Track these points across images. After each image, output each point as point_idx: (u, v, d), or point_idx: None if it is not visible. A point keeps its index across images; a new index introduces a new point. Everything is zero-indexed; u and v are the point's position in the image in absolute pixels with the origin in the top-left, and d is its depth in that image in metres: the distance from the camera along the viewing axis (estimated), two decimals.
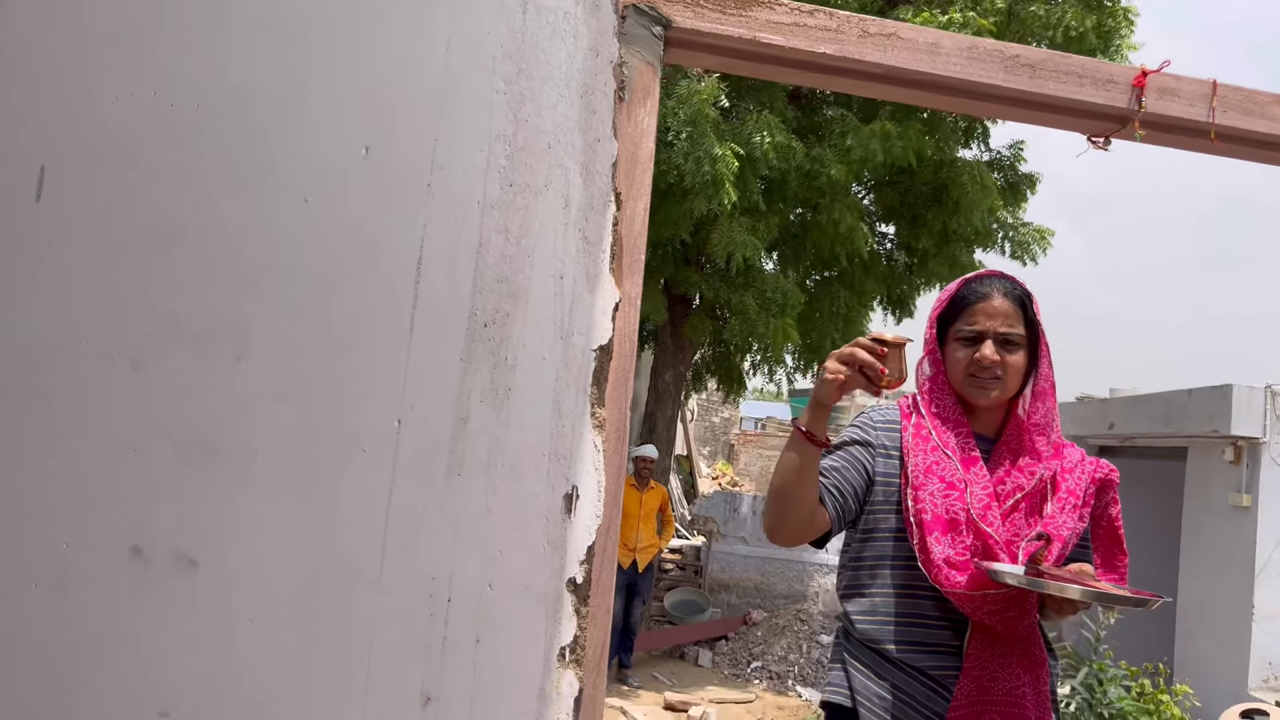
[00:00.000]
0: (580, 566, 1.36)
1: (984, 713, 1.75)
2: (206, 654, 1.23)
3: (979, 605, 1.77)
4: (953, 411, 1.94)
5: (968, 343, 1.89)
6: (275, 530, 1.25)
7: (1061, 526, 1.82)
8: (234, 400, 1.25)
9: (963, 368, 1.89)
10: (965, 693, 1.76)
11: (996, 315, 1.88)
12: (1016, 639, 1.80)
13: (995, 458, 1.90)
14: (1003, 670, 1.78)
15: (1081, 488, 1.88)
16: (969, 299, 1.92)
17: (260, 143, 1.28)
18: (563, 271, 1.36)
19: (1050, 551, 1.77)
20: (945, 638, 1.82)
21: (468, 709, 1.30)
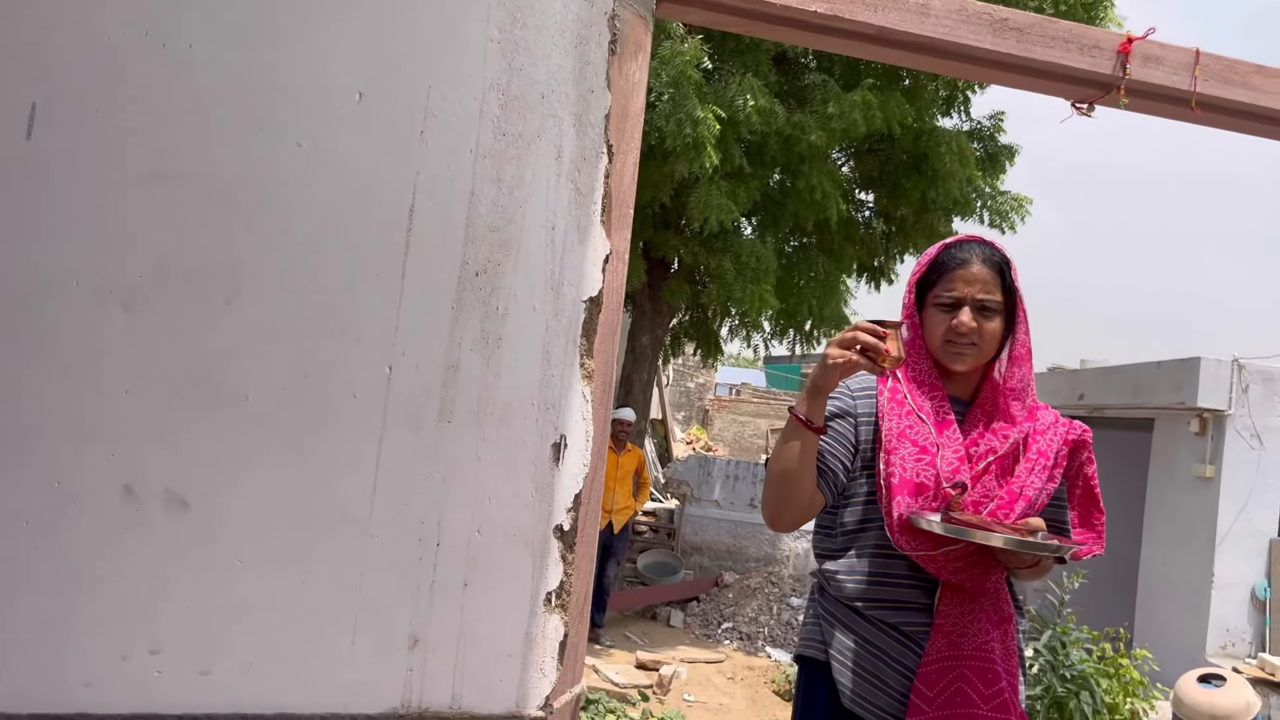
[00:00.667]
0: (567, 514, 1.38)
1: (954, 667, 1.80)
2: (197, 593, 1.24)
3: (942, 564, 1.81)
4: (928, 375, 1.97)
5: (945, 309, 1.91)
6: (267, 472, 1.27)
7: (1029, 486, 1.86)
8: (226, 342, 1.25)
9: (940, 333, 1.92)
10: (936, 648, 1.81)
11: (975, 282, 1.89)
12: (985, 595, 1.84)
13: (970, 421, 1.94)
14: (972, 626, 1.83)
15: (1053, 449, 1.91)
16: (948, 265, 1.93)
17: (254, 86, 1.28)
18: (554, 222, 1.37)
19: (965, 500, 1.81)
20: (916, 596, 1.86)
21: (454, 651, 1.33)
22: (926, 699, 1.79)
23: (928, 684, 1.79)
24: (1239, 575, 8.46)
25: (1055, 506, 1.98)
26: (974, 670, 1.80)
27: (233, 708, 1.25)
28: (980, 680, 1.78)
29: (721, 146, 7.62)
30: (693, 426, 21.37)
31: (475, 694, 1.34)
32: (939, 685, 1.79)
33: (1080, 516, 2.02)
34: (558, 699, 1.41)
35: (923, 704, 1.79)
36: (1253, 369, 8.33)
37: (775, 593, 9.86)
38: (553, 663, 1.37)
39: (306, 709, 1.27)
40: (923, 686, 1.80)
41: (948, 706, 1.78)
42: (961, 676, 1.79)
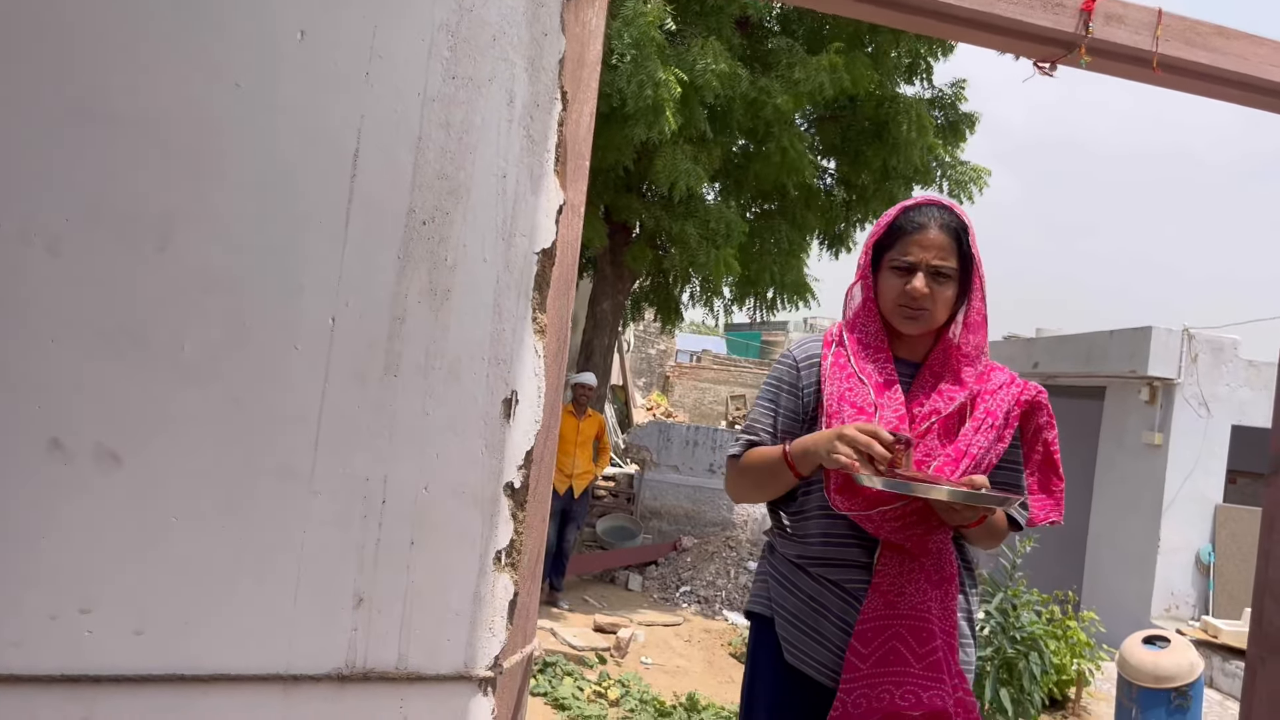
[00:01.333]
0: (519, 471, 1.35)
1: (889, 625, 1.80)
2: (130, 550, 1.20)
3: (879, 523, 1.81)
4: (876, 338, 1.96)
5: (900, 272, 1.90)
6: (204, 426, 1.22)
7: (974, 445, 1.85)
8: (160, 290, 1.20)
9: (893, 297, 1.91)
10: (872, 606, 1.82)
11: (930, 248, 1.88)
12: (926, 555, 1.84)
13: (918, 382, 1.93)
14: (910, 586, 1.83)
15: (1003, 409, 1.90)
16: (905, 229, 1.91)
17: (189, 22, 1.21)
18: (506, 170, 1.33)
19: (922, 466, 1.81)
20: (858, 555, 1.87)
21: (401, 610, 1.29)
22: (861, 656, 1.80)
23: (863, 641, 1.80)
24: (1185, 540, 8.67)
25: (1010, 470, 1.97)
26: (909, 629, 1.80)
27: (168, 668, 1.21)
28: (914, 639, 1.79)
29: (684, 110, 7.55)
30: (653, 393, 21.40)
31: (422, 654, 1.31)
32: (874, 643, 1.80)
33: (1040, 482, 2.02)
34: (508, 659, 1.39)
35: (858, 661, 1.80)
36: (1202, 339, 8.48)
37: (733, 556, 9.94)
38: (502, 622, 1.35)
39: (246, 669, 1.23)
40: (858, 644, 1.81)
41: (881, 664, 1.79)
42: (896, 635, 1.80)
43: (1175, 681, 6.19)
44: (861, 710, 1.76)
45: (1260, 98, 1.94)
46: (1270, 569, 2.06)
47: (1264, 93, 1.93)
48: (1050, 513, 2.01)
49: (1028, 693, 5.28)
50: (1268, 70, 1.90)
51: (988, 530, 1.92)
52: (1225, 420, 8.43)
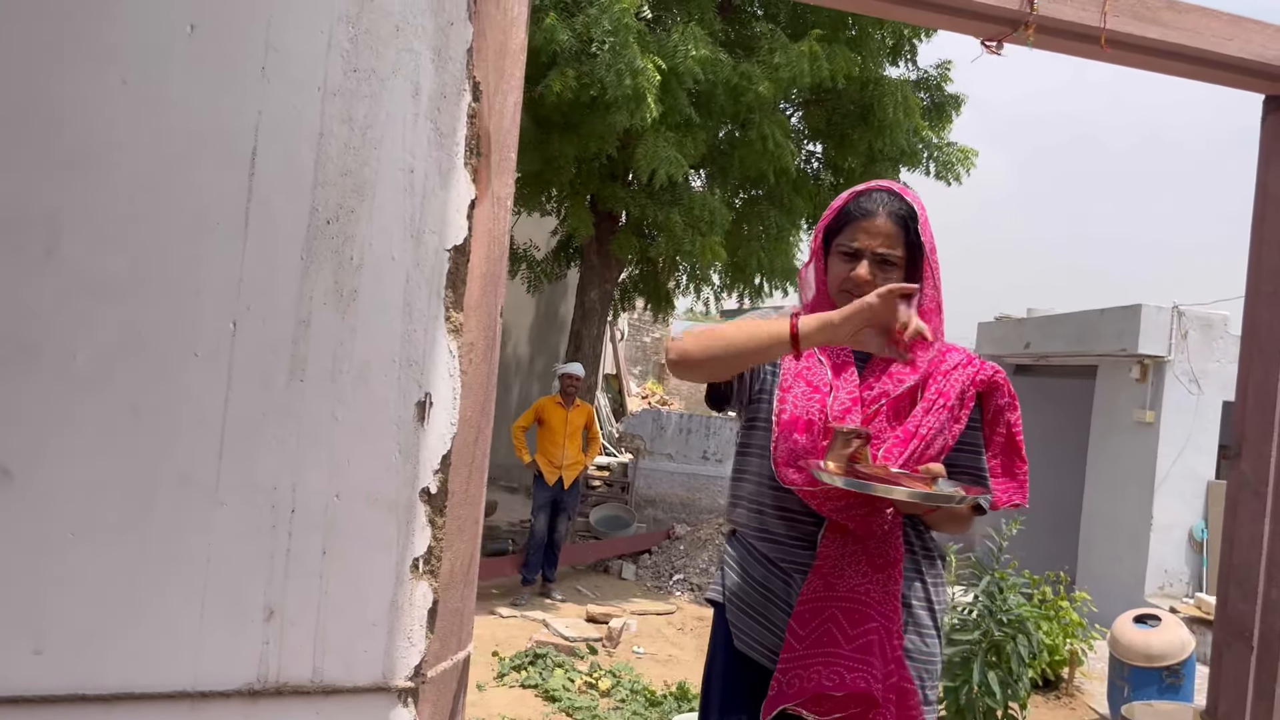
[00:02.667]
0: (435, 476, 1.31)
1: (825, 608, 1.79)
2: (25, 567, 1.16)
3: (823, 502, 1.80)
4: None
5: (846, 258, 1.89)
6: (99, 437, 1.18)
7: (924, 426, 1.83)
8: (48, 296, 1.15)
9: (838, 282, 1.89)
10: (812, 588, 1.80)
11: (876, 235, 1.85)
12: (870, 538, 1.82)
13: (870, 367, 1.92)
14: (851, 568, 1.81)
15: (956, 390, 1.88)
16: (853, 215, 1.89)
17: (72, 15, 1.16)
18: (413, 165, 1.28)
19: (874, 448, 1.79)
20: (806, 532, 1.85)
21: (314, 620, 1.26)
22: (798, 637, 1.79)
23: (800, 622, 1.79)
24: (1177, 517, 8.65)
25: (969, 452, 1.95)
26: (843, 612, 1.79)
27: (70, 688, 1.17)
28: (848, 622, 1.78)
29: (666, 97, 7.48)
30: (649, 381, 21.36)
31: (338, 666, 1.27)
32: (810, 624, 1.79)
33: (1003, 465, 1.99)
34: (432, 668, 1.35)
35: (795, 641, 1.80)
36: (1192, 315, 8.44)
37: None
38: (421, 631, 1.31)
39: (151, 687, 1.19)
40: (795, 625, 1.80)
41: (814, 645, 1.78)
42: (831, 617, 1.79)
43: (1167, 660, 6.18)
44: (793, 690, 1.75)
45: (1215, 72, 1.90)
46: (1234, 554, 2.03)
47: (1218, 67, 1.88)
48: (1014, 495, 1.99)
49: (1016, 675, 5.26)
50: (1222, 44, 1.85)
51: (948, 516, 1.91)
52: (1216, 396, 8.39)
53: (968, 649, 5.29)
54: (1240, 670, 1.98)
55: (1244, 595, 1.98)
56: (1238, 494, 2.02)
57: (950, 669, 5.24)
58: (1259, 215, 2.00)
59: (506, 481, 13.76)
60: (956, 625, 5.44)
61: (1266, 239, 1.98)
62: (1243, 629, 1.98)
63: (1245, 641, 1.96)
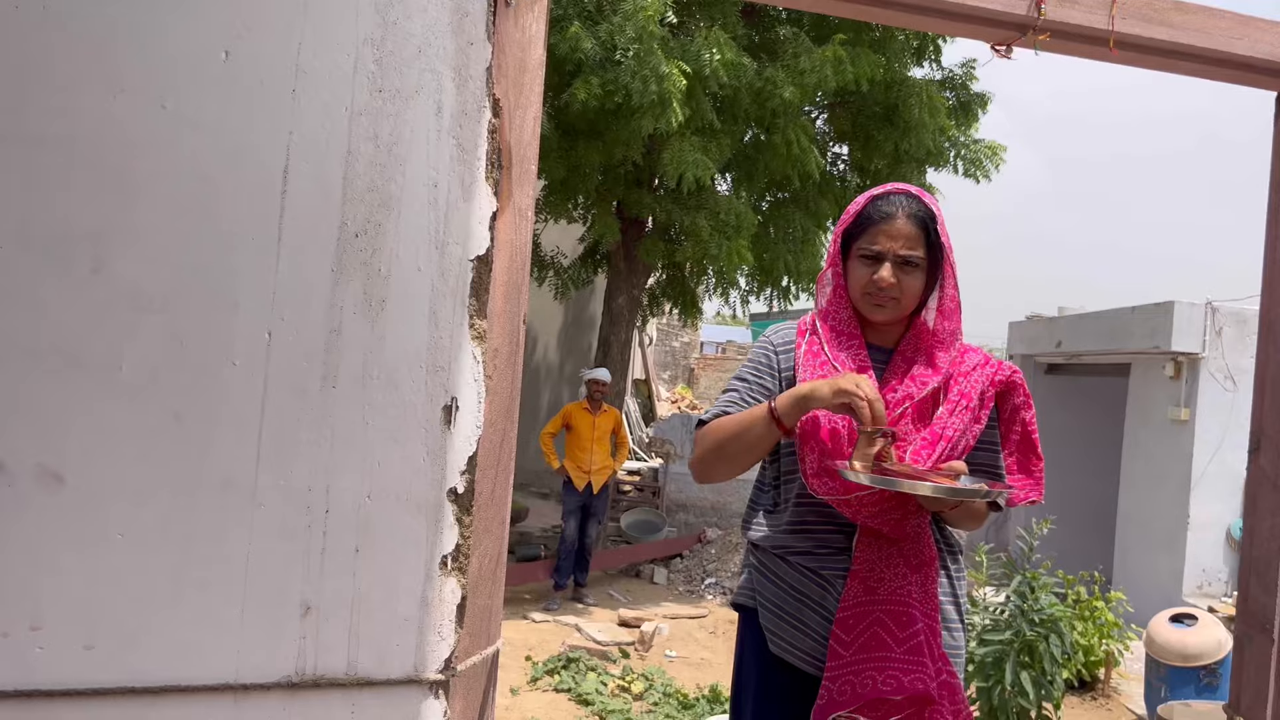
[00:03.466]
0: (461, 477, 1.37)
1: (870, 612, 1.81)
2: (77, 567, 1.23)
3: (857, 509, 1.81)
4: (848, 325, 1.97)
5: (867, 261, 1.90)
6: (145, 443, 1.24)
7: (949, 428, 1.85)
8: (94, 311, 1.22)
9: (861, 286, 1.91)
10: (852, 593, 1.82)
11: (898, 237, 1.87)
12: (904, 539, 1.85)
13: (891, 368, 1.93)
14: (889, 570, 1.83)
15: (978, 390, 1.90)
16: (872, 218, 1.91)
17: (115, 44, 1.24)
18: (436, 180, 1.34)
19: (900, 449, 1.81)
20: (837, 541, 1.87)
21: (348, 616, 1.32)
22: (844, 643, 1.80)
23: (844, 629, 1.81)
24: (1214, 516, 8.54)
25: (988, 451, 1.97)
26: (889, 615, 1.81)
27: (118, 682, 1.24)
28: (895, 625, 1.80)
29: (690, 102, 7.53)
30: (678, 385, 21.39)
31: (371, 660, 1.33)
32: (855, 629, 1.80)
33: (1019, 463, 2.01)
34: (461, 662, 1.41)
35: (840, 648, 1.81)
36: (1226, 311, 8.35)
37: None
38: (451, 626, 1.36)
39: (195, 680, 1.26)
40: (840, 631, 1.81)
41: (863, 650, 1.80)
42: (877, 621, 1.80)
43: (1203, 659, 6.12)
44: (846, 697, 1.77)
45: (1224, 71, 1.91)
46: (1255, 547, 2.04)
47: (1228, 66, 1.90)
48: (1030, 492, 2.01)
49: (1049, 675, 5.24)
50: (1230, 43, 1.87)
51: (967, 512, 1.93)
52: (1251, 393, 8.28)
53: (1000, 649, 5.28)
54: (1262, 663, 1.99)
55: (1264, 588, 1.99)
56: (1257, 488, 2.03)
57: (983, 669, 5.22)
58: (1273, 210, 2.01)
59: (538, 488, 13.86)
60: (988, 625, 5.42)
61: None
62: (1264, 622, 1.99)
63: (1266, 634, 1.97)
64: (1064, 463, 10.40)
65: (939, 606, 1.87)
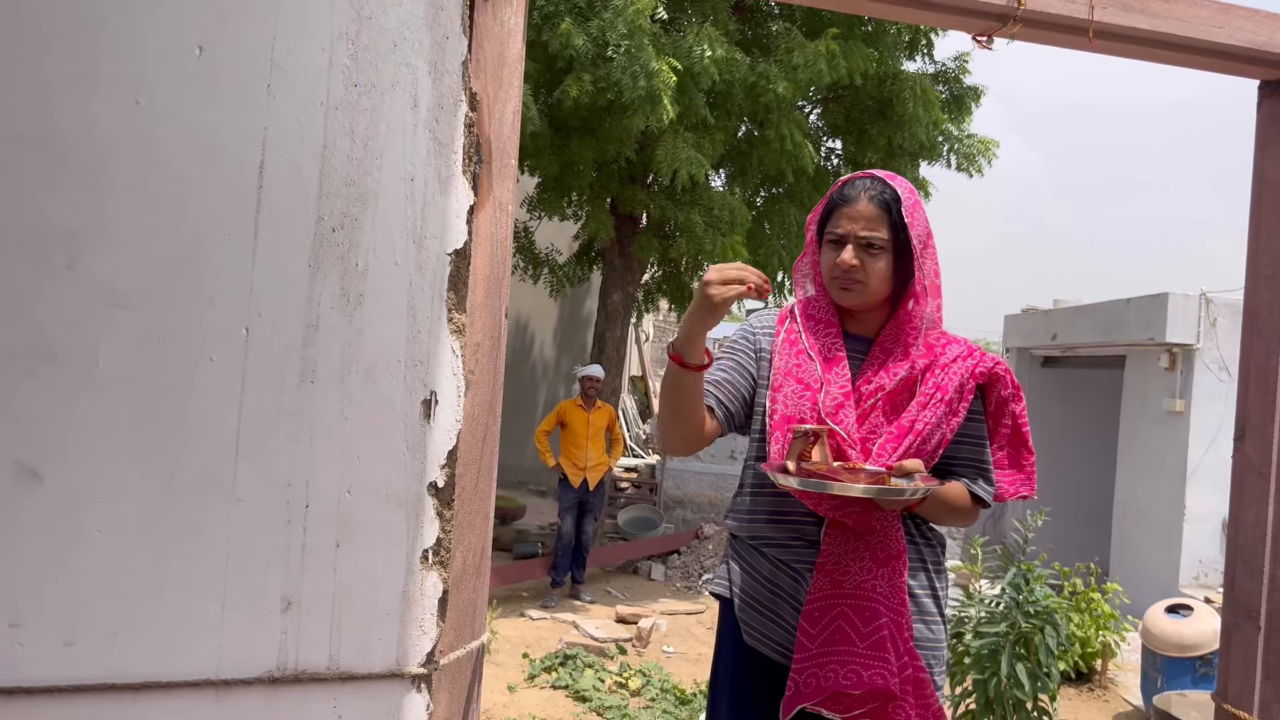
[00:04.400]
0: (441, 470, 1.37)
1: (835, 605, 1.80)
2: (56, 564, 1.23)
3: (818, 502, 1.80)
4: (825, 313, 1.96)
5: (833, 245, 1.90)
6: (122, 439, 1.24)
7: (920, 421, 1.83)
8: (70, 307, 1.22)
9: (828, 269, 1.91)
10: (818, 586, 1.82)
11: (859, 219, 1.87)
12: (870, 533, 1.83)
13: (869, 358, 1.92)
14: (855, 564, 1.82)
15: (955, 382, 1.86)
16: (836, 203, 1.92)
17: (88, 41, 1.23)
18: (413, 174, 1.34)
19: (868, 444, 1.79)
20: (807, 532, 1.87)
21: (329, 611, 1.32)
22: (810, 636, 1.80)
23: (810, 621, 1.81)
24: (1210, 506, 8.55)
25: (971, 444, 1.93)
26: (853, 609, 1.80)
27: (99, 678, 1.24)
28: (859, 618, 1.79)
29: (683, 98, 7.53)
30: None
31: (353, 654, 1.33)
32: (820, 623, 1.80)
33: (1009, 457, 1.98)
34: (445, 656, 1.41)
35: (806, 641, 1.80)
36: (1220, 302, 8.35)
37: None
38: (433, 620, 1.36)
39: (176, 676, 1.26)
40: (806, 624, 1.81)
41: (827, 644, 1.79)
42: (841, 615, 1.80)
43: (1200, 650, 6.13)
44: (810, 689, 1.77)
45: (1205, 59, 1.92)
46: (1240, 535, 2.04)
47: (1209, 54, 1.90)
48: (1020, 488, 1.99)
49: (1045, 667, 5.24)
50: (1211, 32, 1.87)
51: (944, 510, 1.89)
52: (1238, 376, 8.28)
53: (995, 641, 5.28)
54: (1249, 650, 2.00)
55: (1250, 575, 1.99)
56: (1242, 475, 2.03)
57: (979, 661, 5.23)
58: (1256, 199, 2.01)
59: (535, 485, 13.86)
60: (984, 618, 5.43)
61: (1264, 223, 2.00)
62: (1250, 609, 1.99)
63: (1253, 621, 1.98)
64: (1060, 455, 10.42)
65: (906, 601, 1.85)
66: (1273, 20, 1.85)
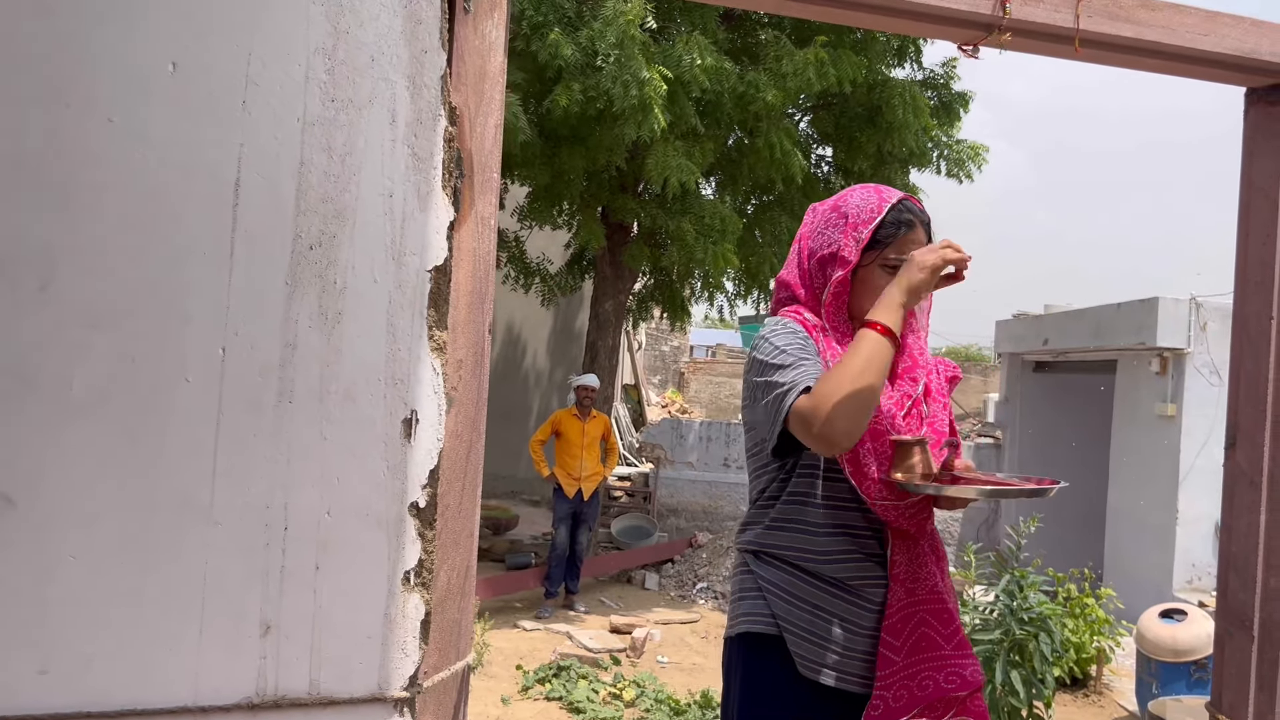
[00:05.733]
0: (423, 490, 1.35)
1: (915, 614, 1.81)
2: (29, 591, 1.20)
3: (901, 512, 1.79)
4: (844, 325, 1.94)
5: (892, 271, 1.82)
6: (97, 463, 1.22)
7: (939, 423, 1.88)
8: (43, 329, 1.20)
9: None
10: (896, 596, 1.80)
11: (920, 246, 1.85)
12: (924, 536, 1.85)
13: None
14: (921, 570, 1.83)
15: (945, 386, 1.96)
16: (899, 229, 1.84)
17: (60, 58, 1.21)
18: (392, 190, 1.32)
19: (958, 454, 1.81)
20: (872, 547, 1.84)
21: (309, 635, 1.30)
22: (894, 649, 1.79)
23: (894, 634, 1.79)
24: (1203, 510, 8.56)
25: None
26: (931, 613, 1.82)
27: (75, 706, 1.21)
28: (939, 622, 1.81)
29: (673, 107, 7.53)
30: (669, 390, 21.37)
31: (334, 678, 1.31)
32: (904, 633, 1.80)
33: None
34: (428, 678, 1.39)
35: (891, 654, 1.78)
36: (1210, 307, 8.37)
37: None
38: (415, 642, 1.34)
39: (153, 704, 1.24)
40: (889, 637, 1.79)
41: (914, 653, 1.79)
42: (923, 621, 1.81)
43: (1194, 654, 6.12)
44: (903, 702, 1.74)
45: (1192, 67, 1.91)
46: (1233, 543, 2.03)
47: (1195, 62, 1.90)
48: None
49: (1040, 674, 5.23)
50: (1198, 40, 1.86)
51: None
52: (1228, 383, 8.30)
53: (990, 648, 5.27)
54: (1242, 660, 1.98)
55: (1244, 585, 1.98)
56: (1234, 484, 2.02)
57: None
58: (1244, 206, 2.01)
59: (529, 495, 13.81)
60: (978, 625, 5.41)
61: (1253, 230, 1.99)
62: (1244, 618, 1.98)
63: (1246, 631, 1.97)
64: (1052, 459, 10.43)
65: (957, 598, 1.90)
66: (1259, 28, 1.85)
